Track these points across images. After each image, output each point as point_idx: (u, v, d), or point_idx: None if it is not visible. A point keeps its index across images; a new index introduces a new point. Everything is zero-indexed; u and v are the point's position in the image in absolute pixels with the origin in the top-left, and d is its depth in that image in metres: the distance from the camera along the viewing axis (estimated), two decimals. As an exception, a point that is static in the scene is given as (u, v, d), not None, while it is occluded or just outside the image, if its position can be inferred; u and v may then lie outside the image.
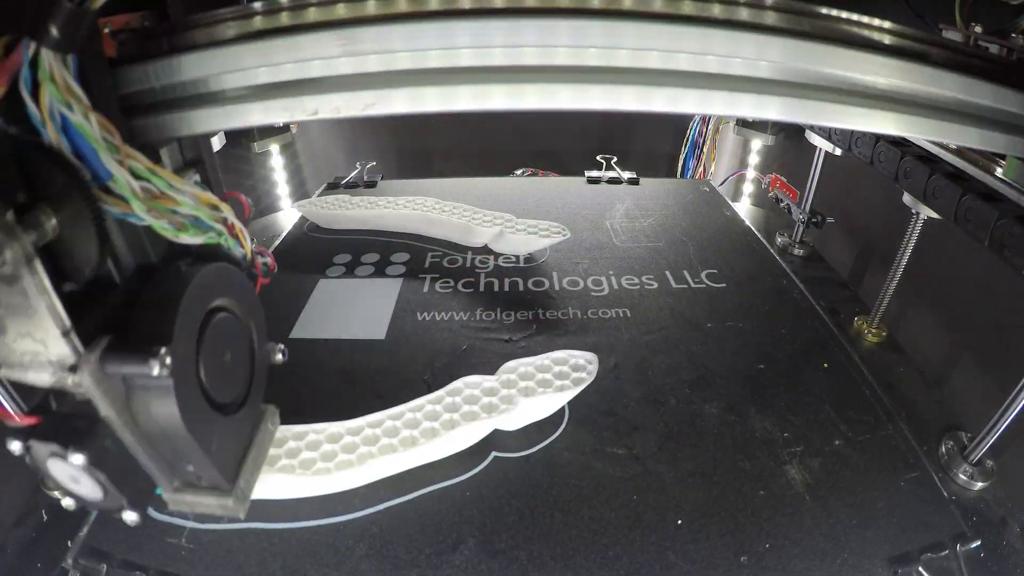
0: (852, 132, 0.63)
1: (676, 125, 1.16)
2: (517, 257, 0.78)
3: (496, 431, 0.50)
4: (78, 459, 0.25)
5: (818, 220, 0.80)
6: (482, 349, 0.61)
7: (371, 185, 1.00)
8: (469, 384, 0.50)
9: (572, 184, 1.03)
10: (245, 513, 0.31)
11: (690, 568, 0.41)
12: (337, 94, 0.28)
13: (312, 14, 0.28)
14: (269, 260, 0.36)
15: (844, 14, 0.30)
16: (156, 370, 0.24)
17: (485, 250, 0.80)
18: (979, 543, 0.44)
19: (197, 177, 0.34)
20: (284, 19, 0.28)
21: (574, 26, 0.27)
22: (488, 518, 0.44)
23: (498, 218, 0.79)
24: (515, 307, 0.68)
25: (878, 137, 0.59)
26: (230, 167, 0.94)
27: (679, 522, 0.44)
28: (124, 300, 0.27)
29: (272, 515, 0.44)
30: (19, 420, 0.26)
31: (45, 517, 0.47)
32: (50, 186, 0.24)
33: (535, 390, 0.50)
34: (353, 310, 0.68)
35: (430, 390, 0.50)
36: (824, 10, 0.29)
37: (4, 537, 0.46)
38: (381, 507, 0.45)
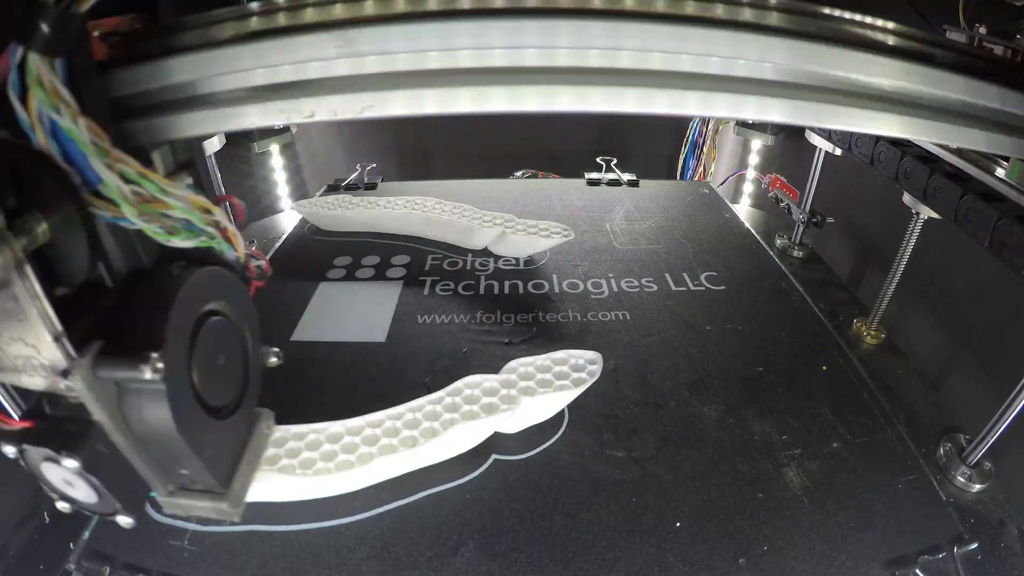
0: (853, 132, 0.63)
1: (676, 126, 1.16)
2: (517, 259, 0.78)
3: (496, 434, 0.50)
4: (71, 464, 0.25)
5: (818, 220, 0.81)
6: (482, 352, 0.61)
7: (371, 187, 1.00)
8: (470, 384, 0.50)
9: (572, 186, 1.03)
10: (240, 516, 0.30)
11: (689, 570, 0.41)
12: (335, 96, 0.28)
13: (309, 14, 0.27)
14: (263, 263, 0.35)
15: (848, 14, 0.29)
16: (148, 374, 0.24)
17: (485, 252, 0.80)
18: (977, 545, 0.44)
19: (190, 180, 0.33)
20: (280, 20, 0.28)
21: (575, 27, 0.26)
22: (488, 521, 0.44)
23: (499, 218, 0.79)
24: (515, 310, 0.68)
25: (878, 137, 0.59)
26: (230, 167, 0.94)
27: (678, 524, 0.44)
28: (116, 304, 0.27)
29: (274, 517, 0.44)
30: (13, 424, 0.26)
31: (47, 519, 0.47)
32: (40, 191, 0.23)
33: (536, 390, 0.50)
34: (353, 313, 0.68)
35: (430, 393, 0.50)
36: (827, 10, 0.29)
37: (6, 539, 0.46)
38: (382, 510, 0.45)
